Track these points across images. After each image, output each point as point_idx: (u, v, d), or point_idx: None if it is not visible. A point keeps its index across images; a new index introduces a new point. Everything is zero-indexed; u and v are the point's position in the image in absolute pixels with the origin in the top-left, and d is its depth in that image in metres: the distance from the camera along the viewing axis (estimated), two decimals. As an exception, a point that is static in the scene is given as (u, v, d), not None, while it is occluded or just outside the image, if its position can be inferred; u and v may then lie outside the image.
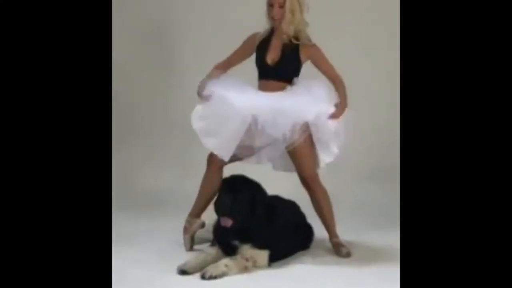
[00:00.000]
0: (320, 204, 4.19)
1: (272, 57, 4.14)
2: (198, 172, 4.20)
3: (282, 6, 4.04)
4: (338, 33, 5.70)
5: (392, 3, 5.11)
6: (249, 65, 4.24)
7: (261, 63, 4.16)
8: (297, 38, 4.11)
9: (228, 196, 3.76)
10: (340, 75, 4.16)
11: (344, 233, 4.26)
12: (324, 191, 4.20)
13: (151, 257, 3.98)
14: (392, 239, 4.18)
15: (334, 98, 4.10)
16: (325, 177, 4.23)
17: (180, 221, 4.22)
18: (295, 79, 4.13)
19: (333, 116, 4.03)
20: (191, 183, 4.25)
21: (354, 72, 5.65)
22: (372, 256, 4.07)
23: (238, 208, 3.74)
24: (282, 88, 4.11)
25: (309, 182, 4.15)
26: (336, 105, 4.07)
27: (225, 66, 4.25)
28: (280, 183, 4.39)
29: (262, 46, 4.18)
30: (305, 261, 3.97)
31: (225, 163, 4.13)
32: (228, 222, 3.74)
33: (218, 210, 3.80)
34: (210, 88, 4.07)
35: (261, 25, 4.19)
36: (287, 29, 4.07)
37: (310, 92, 4.07)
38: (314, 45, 4.14)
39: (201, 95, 4.11)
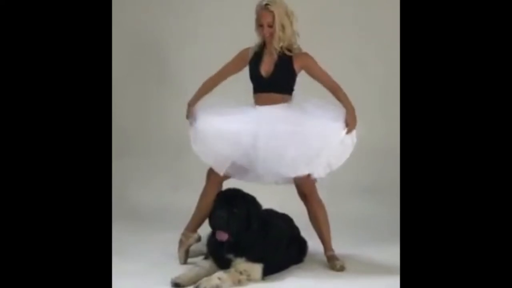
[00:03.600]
0: (317, 217, 4.19)
1: (265, 69, 4.15)
2: (191, 186, 4.21)
3: (271, 25, 4.06)
4: (335, 46, 5.74)
5: (391, 14, 5.16)
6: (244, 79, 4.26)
7: (255, 76, 4.17)
8: (289, 50, 4.12)
9: (224, 210, 3.74)
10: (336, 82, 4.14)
11: (340, 247, 4.24)
12: (322, 205, 4.20)
13: (145, 269, 3.98)
14: (387, 253, 4.20)
15: (336, 114, 4.05)
16: (323, 191, 4.23)
17: (173, 234, 4.22)
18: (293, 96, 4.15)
19: (349, 129, 4.00)
20: (184, 196, 4.26)
21: (352, 86, 5.69)
22: (367, 270, 4.05)
23: (234, 222, 3.73)
24: (278, 100, 4.11)
25: (307, 195, 4.17)
26: (345, 121, 4.02)
27: (215, 80, 4.25)
28: (273, 196, 4.37)
29: (255, 59, 4.19)
30: (299, 275, 3.96)
31: (224, 179, 4.13)
32: (224, 236, 3.73)
33: (213, 224, 3.79)
34: (201, 120, 4.08)
35: (254, 38, 4.20)
36: (278, 46, 4.08)
37: (312, 114, 4.04)
38: (306, 54, 4.15)
39: (190, 121, 4.12)
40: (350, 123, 4.01)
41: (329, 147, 4.00)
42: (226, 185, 4.04)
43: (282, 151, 3.95)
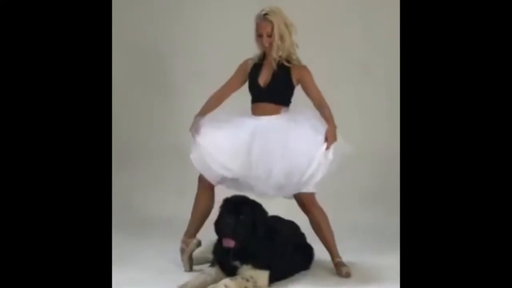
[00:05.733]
0: (320, 225, 4.17)
1: (263, 79, 4.17)
2: (194, 194, 4.23)
3: (270, 35, 4.07)
4: (339, 53, 5.75)
5: (391, 23, 5.16)
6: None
7: (253, 86, 4.19)
8: (288, 61, 4.13)
9: (231, 217, 3.74)
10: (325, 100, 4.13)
11: (343, 254, 4.22)
12: (323, 212, 4.19)
13: (151, 277, 3.98)
14: (392, 260, 4.15)
15: (321, 128, 4.03)
16: (324, 200, 4.21)
17: (178, 242, 4.21)
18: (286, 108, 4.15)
19: (329, 143, 3.96)
20: (189, 205, 4.26)
21: (355, 93, 5.70)
22: (372, 277, 4.04)
23: (241, 229, 3.73)
24: (274, 111, 4.13)
25: (307, 204, 4.15)
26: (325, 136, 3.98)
27: (219, 97, 4.28)
28: (279, 203, 4.36)
29: (254, 70, 4.22)
30: (305, 282, 3.95)
31: (216, 183, 4.16)
32: (231, 243, 3.73)
33: (220, 230, 3.79)
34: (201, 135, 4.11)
35: (255, 47, 4.22)
36: (277, 55, 4.10)
37: (301, 126, 4.04)
38: (304, 67, 4.17)
39: (192, 133, 4.13)
40: (329, 139, 3.97)
41: (315, 160, 3.95)
42: (224, 194, 4.02)
43: (272, 166, 3.96)
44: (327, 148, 3.96)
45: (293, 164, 3.96)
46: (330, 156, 3.95)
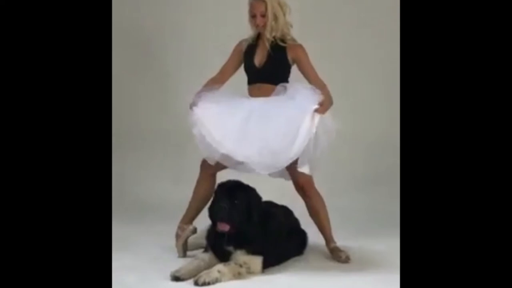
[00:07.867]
0: (316, 210, 4.17)
1: (259, 59, 4.15)
2: (190, 181, 4.24)
3: (264, 15, 4.06)
4: (336, 39, 5.76)
5: (391, 7, 5.17)
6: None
7: (249, 67, 4.17)
8: (283, 41, 4.11)
9: (225, 201, 3.74)
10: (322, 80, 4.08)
11: (340, 239, 4.24)
12: (320, 197, 4.19)
13: (145, 263, 3.98)
14: (389, 245, 4.21)
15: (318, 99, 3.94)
16: (323, 184, 4.22)
17: (173, 228, 4.23)
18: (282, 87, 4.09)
19: (318, 111, 3.88)
20: (184, 191, 4.27)
21: (352, 78, 5.71)
22: (367, 262, 4.06)
23: (235, 213, 3.73)
24: (270, 92, 4.09)
25: (305, 188, 4.13)
26: (321, 104, 3.91)
27: (217, 80, 4.22)
28: (273, 189, 4.38)
29: (249, 51, 4.20)
30: (299, 267, 3.96)
31: (218, 170, 4.14)
32: (225, 227, 3.73)
33: (214, 215, 3.78)
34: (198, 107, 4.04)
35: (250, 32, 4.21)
36: (271, 36, 4.08)
37: (295, 103, 3.94)
38: (300, 45, 4.15)
39: (190, 105, 4.06)
40: (320, 109, 3.87)
41: (308, 135, 3.86)
42: (221, 178, 4.04)
43: (268, 144, 3.87)
44: (316, 111, 3.86)
45: (288, 130, 3.87)
46: (314, 129, 3.85)
